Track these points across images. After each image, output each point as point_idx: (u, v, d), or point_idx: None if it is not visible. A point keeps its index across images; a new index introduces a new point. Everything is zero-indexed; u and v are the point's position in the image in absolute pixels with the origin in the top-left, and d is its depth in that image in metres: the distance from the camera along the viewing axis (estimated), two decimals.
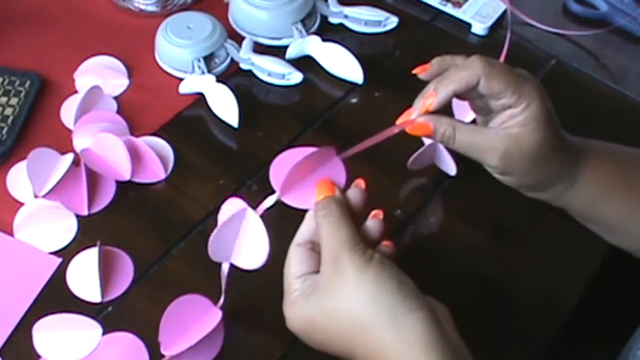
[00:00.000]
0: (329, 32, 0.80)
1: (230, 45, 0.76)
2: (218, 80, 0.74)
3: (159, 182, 0.68)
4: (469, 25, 0.84)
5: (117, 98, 0.75)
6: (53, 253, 0.63)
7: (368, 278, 0.49)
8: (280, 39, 0.79)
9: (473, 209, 0.68)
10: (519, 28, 0.83)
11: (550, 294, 0.63)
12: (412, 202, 0.68)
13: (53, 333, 0.57)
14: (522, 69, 0.59)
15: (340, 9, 0.82)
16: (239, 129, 0.72)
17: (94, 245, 0.61)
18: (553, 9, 0.87)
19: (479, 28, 0.83)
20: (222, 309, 0.56)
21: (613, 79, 0.80)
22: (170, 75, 0.76)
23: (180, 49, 0.75)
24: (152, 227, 0.65)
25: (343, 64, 0.77)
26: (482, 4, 0.85)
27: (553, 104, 0.59)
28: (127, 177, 0.67)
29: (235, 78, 0.76)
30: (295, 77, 0.76)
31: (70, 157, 0.65)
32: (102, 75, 0.75)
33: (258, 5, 0.78)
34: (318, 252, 0.52)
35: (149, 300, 0.60)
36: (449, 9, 0.85)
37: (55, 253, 0.63)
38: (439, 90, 0.57)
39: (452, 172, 0.68)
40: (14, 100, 0.72)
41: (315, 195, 0.54)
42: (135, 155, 0.67)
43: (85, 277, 0.60)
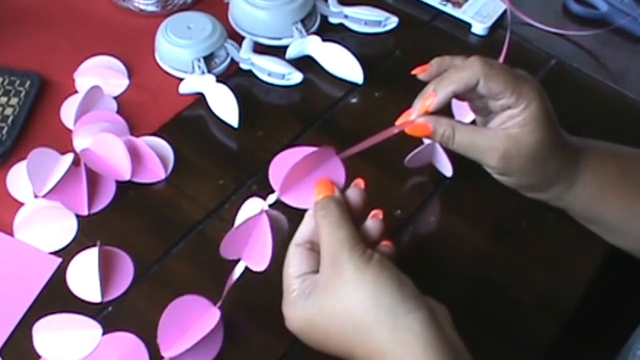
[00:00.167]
0: (329, 32, 0.80)
1: (230, 45, 0.76)
2: (218, 80, 0.74)
3: (159, 182, 0.68)
4: (469, 25, 0.84)
5: (117, 98, 0.75)
6: (53, 253, 0.63)
7: (367, 278, 0.49)
8: (280, 39, 0.79)
9: (473, 209, 0.68)
10: (519, 28, 0.83)
11: (551, 294, 0.63)
12: (411, 202, 0.68)
13: (53, 333, 0.57)
14: (521, 70, 0.59)
15: (340, 9, 0.82)
16: (239, 129, 0.72)
17: (94, 245, 0.61)
18: (553, 9, 0.87)
19: (479, 28, 0.83)
20: (220, 309, 0.56)
21: (613, 79, 0.80)
22: (170, 75, 0.76)
23: (180, 49, 0.75)
24: (152, 227, 0.65)
25: (343, 64, 0.77)
26: (482, 4, 0.85)
27: (553, 104, 0.59)
28: (127, 177, 0.67)
29: (235, 78, 0.76)
30: (295, 77, 0.76)
31: (70, 157, 0.65)
32: (102, 75, 0.75)
33: (258, 5, 0.78)
34: (317, 252, 0.52)
35: (149, 300, 0.60)
36: (449, 9, 0.85)
37: (55, 253, 0.63)
38: (438, 91, 0.57)
39: (448, 173, 0.68)
40: (14, 100, 0.72)
41: (315, 195, 0.54)
42: (135, 155, 0.67)
43: (85, 277, 0.60)
